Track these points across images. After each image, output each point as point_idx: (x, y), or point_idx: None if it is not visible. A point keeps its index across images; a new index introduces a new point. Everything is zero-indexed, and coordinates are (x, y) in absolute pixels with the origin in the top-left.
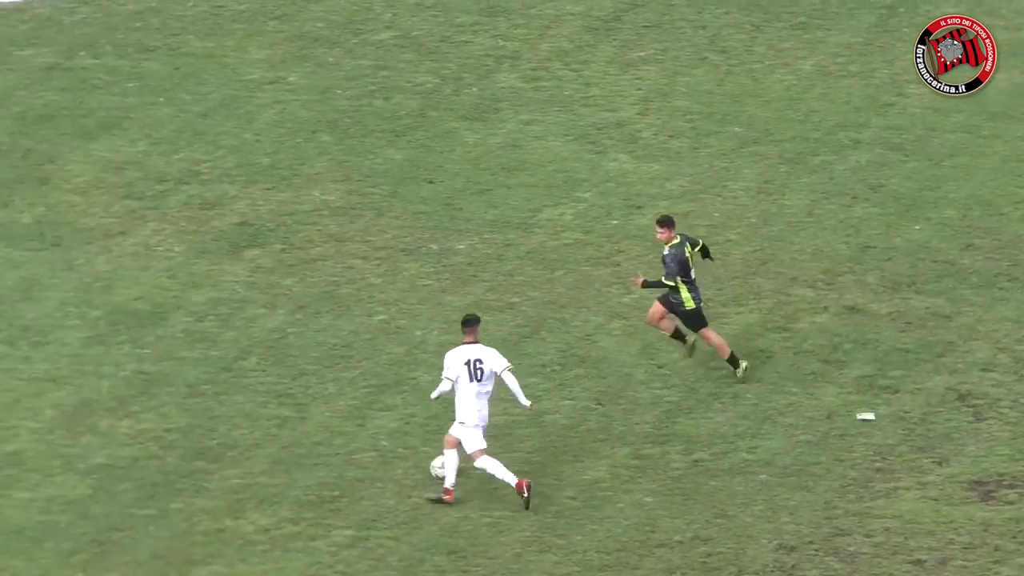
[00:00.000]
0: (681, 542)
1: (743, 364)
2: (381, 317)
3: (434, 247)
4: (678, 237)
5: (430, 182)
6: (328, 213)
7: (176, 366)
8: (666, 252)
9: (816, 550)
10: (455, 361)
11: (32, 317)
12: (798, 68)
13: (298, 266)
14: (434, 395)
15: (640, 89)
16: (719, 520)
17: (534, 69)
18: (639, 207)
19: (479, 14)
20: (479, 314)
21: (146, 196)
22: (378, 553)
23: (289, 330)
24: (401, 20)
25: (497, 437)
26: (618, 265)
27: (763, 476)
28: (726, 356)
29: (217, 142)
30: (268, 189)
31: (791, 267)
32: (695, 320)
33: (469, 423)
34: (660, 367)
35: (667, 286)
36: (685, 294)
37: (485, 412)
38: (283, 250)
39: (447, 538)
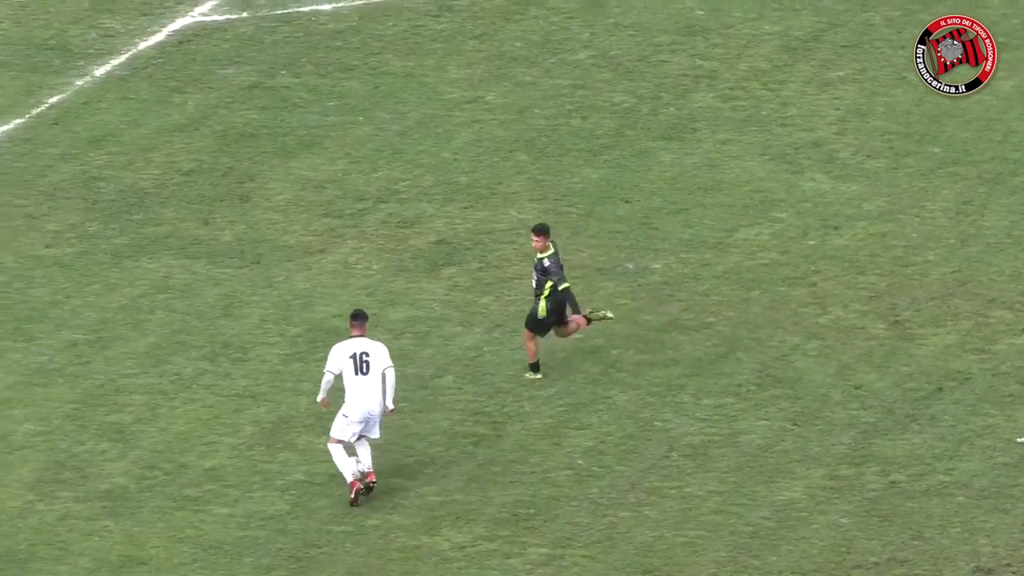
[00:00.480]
0: (877, 564)
1: (538, 376)
2: (577, 336)
3: (630, 266)
4: (552, 247)
5: (626, 202)
6: (525, 232)
7: None
8: (548, 263)
9: (1014, 573)
10: (340, 355)
11: (232, 334)
12: (998, 88)
13: (495, 284)
14: (320, 397)
15: (838, 109)
16: (915, 542)
17: (731, 89)
18: (836, 227)
19: (677, 34)
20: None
21: (345, 214)
22: (573, 571)
23: (485, 348)
24: (599, 40)
25: (692, 457)
26: (814, 285)
27: (960, 498)
28: (531, 360)
29: (415, 161)
30: (465, 208)
31: (990, 288)
32: (536, 328)
33: (353, 417)
34: (856, 388)
35: (567, 289)
36: (543, 303)
37: (374, 406)
38: (480, 268)
39: (642, 557)
